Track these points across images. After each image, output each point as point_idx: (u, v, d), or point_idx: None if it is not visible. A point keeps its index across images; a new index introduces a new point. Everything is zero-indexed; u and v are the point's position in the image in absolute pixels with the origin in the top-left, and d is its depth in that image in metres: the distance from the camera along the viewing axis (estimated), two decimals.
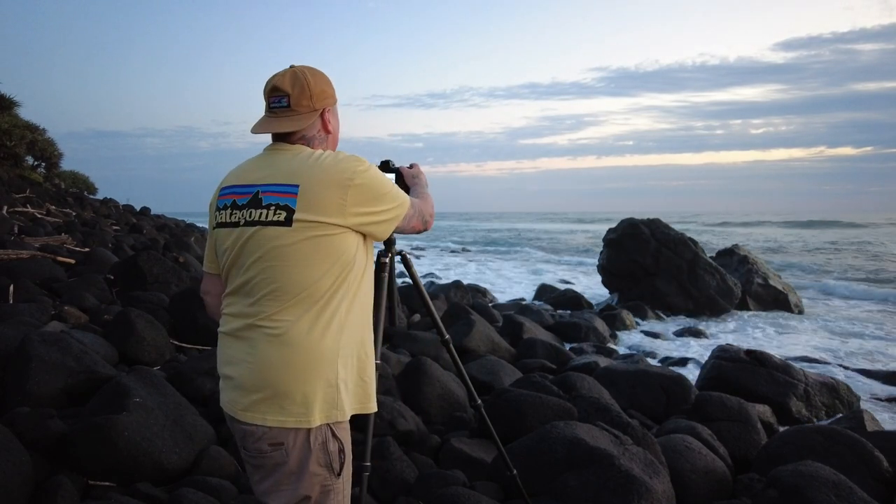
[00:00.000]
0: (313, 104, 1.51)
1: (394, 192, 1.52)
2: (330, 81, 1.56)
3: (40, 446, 2.56)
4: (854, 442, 3.18)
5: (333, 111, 1.59)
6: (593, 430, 2.98)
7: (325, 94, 1.53)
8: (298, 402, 1.36)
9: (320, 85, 1.52)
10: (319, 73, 1.54)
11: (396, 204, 1.51)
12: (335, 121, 1.60)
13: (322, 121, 1.55)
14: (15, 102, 20.06)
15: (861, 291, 13.41)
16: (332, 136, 1.60)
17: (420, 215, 1.64)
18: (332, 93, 1.56)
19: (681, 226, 14.86)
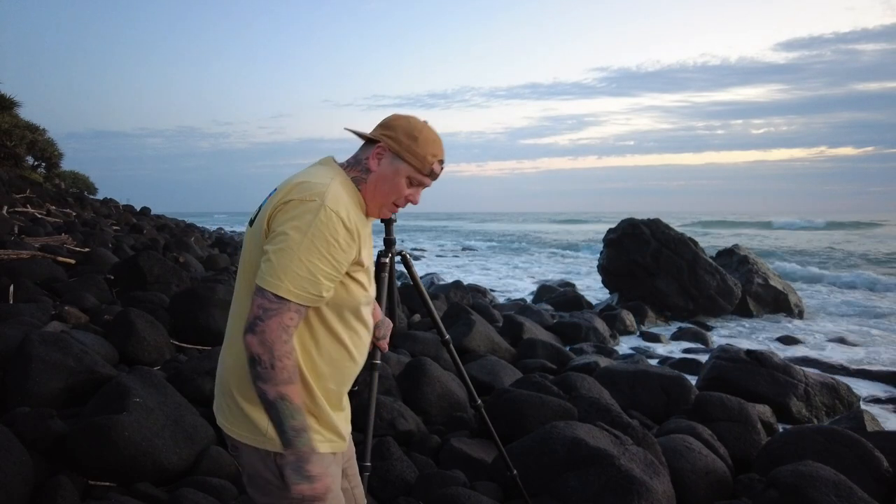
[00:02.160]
0: (379, 132, 1.46)
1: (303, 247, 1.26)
2: (418, 137, 1.43)
3: (40, 446, 2.56)
4: (854, 442, 3.18)
5: (394, 161, 1.43)
6: (593, 430, 2.98)
7: (395, 133, 1.44)
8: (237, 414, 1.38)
9: (399, 125, 1.45)
10: (418, 125, 1.45)
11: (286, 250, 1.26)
12: (388, 168, 1.43)
13: (374, 152, 1.45)
14: (15, 102, 20.08)
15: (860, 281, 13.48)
16: (374, 177, 1.45)
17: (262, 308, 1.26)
18: (405, 142, 1.42)
19: (695, 229, 14.78)
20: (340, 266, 1.32)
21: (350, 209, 1.35)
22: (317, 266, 1.28)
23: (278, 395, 1.25)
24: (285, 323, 1.26)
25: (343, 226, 1.30)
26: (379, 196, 1.46)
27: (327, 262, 1.29)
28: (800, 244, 27.82)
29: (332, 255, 1.29)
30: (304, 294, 1.28)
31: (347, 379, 1.48)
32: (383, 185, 1.45)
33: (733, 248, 12.07)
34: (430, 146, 1.44)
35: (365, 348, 1.53)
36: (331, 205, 1.30)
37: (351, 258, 1.35)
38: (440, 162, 1.48)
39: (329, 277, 1.30)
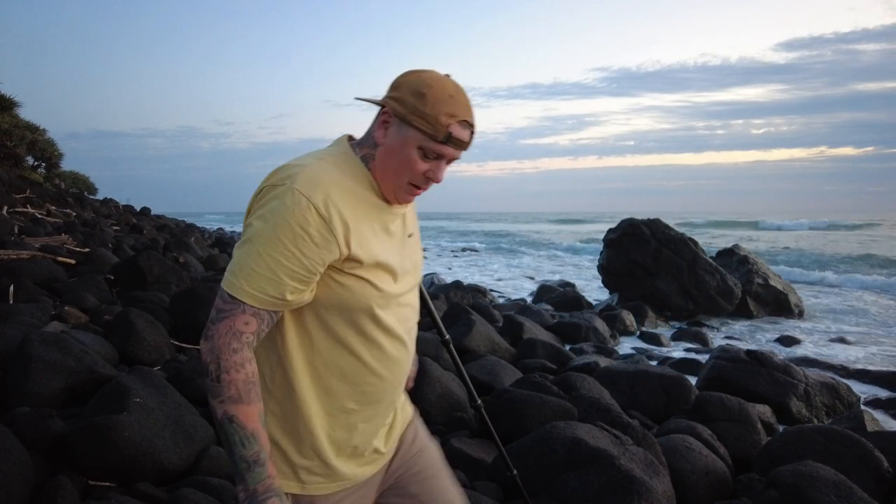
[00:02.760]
0: (385, 95, 1.17)
1: (264, 239, 1.05)
2: (426, 94, 1.11)
3: (40, 446, 2.56)
4: (854, 442, 3.18)
5: (401, 128, 1.13)
6: (593, 430, 2.98)
7: (400, 93, 1.14)
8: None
9: (406, 81, 1.15)
10: (429, 79, 1.13)
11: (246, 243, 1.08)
12: (395, 138, 1.14)
13: (379, 120, 1.17)
14: (15, 103, 20.10)
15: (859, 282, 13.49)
16: (381, 151, 1.17)
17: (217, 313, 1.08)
18: (411, 102, 1.11)
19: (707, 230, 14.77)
20: (312, 263, 1.07)
21: (336, 193, 1.10)
22: (278, 262, 1.04)
23: (225, 415, 1.04)
24: (237, 328, 1.05)
25: (316, 213, 1.05)
26: (389, 175, 1.16)
27: (293, 258, 1.05)
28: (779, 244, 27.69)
29: (299, 249, 1.05)
30: (261, 296, 1.05)
31: (375, 395, 1.22)
32: (391, 160, 1.15)
33: (733, 248, 12.07)
34: (443, 104, 1.11)
35: (394, 360, 1.23)
36: (301, 187, 1.06)
37: (330, 254, 1.08)
38: (462, 123, 1.13)
39: (295, 277, 1.06)
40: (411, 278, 1.28)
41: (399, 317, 1.23)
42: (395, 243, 1.23)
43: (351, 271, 1.13)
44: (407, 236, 1.29)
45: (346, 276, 1.13)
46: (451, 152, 1.16)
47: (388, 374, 1.23)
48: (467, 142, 1.17)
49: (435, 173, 1.17)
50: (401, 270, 1.22)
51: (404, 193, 1.19)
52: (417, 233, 1.39)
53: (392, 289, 1.20)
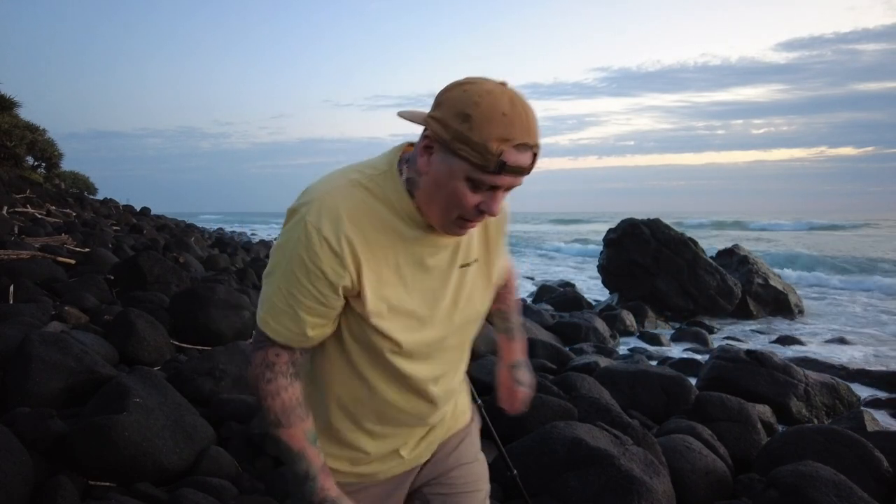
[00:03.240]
0: (429, 113, 1.01)
1: (281, 272, 1.04)
2: (472, 115, 0.93)
3: (40, 446, 2.56)
4: (854, 442, 3.18)
5: (446, 157, 0.97)
6: (593, 430, 2.98)
7: (442, 113, 0.96)
8: None
9: (450, 99, 0.97)
10: (475, 95, 0.94)
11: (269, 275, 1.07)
12: (440, 168, 0.98)
13: (421, 145, 1.02)
14: (15, 103, 20.11)
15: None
16: (427, 181, 1.02)
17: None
18: (454, 127, 0.94)
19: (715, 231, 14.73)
20: (329, 300, 1.03)
21: (352, 226, 1.01)
22: (296, 299, 1.03)
23: (275, 437, 1.09)
24: (269, 359, 1.07)
25: (328, 247, 0.99)
26: (436, 209, 1.03)
27: (309, 295, 1.02)
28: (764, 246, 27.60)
29: (314, 286, 1.01)
30: (285, 332, 1.05)
31: (396, 421, 1.20)
32: (437, 192, 1.01)
33: (733, 248, 12.07)
34: (493, 126, 0.92)
35: (417, 399, 1.19)
36: (312, 219, 1.00)
37: (342, 283, 1.03)
38: (520, 147, 0.95)
39: (313, 313, 1.04)
40: (457, 317, 1.17)
41: (431, 361, 1.17)
42: (432, 281, 1.12)
43: (366, 319, 1.08)
44: (459, 267, 1.15)
45: (363, 323, 1.08)
46: (509, 181, 0.98)
47: (411, 408, 1.19)
48: (528, 166, 0.98)
49: (489, 205, 1.00)
50: (430, 313, 1.13)
51: (455, 228, 1.05)
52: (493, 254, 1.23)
53: (413, 338, 1.11)
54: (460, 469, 1.36)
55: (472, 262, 1.19)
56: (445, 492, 1.34)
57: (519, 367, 1.56)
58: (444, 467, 1.34)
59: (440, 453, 1.34)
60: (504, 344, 1.57)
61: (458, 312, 1.18)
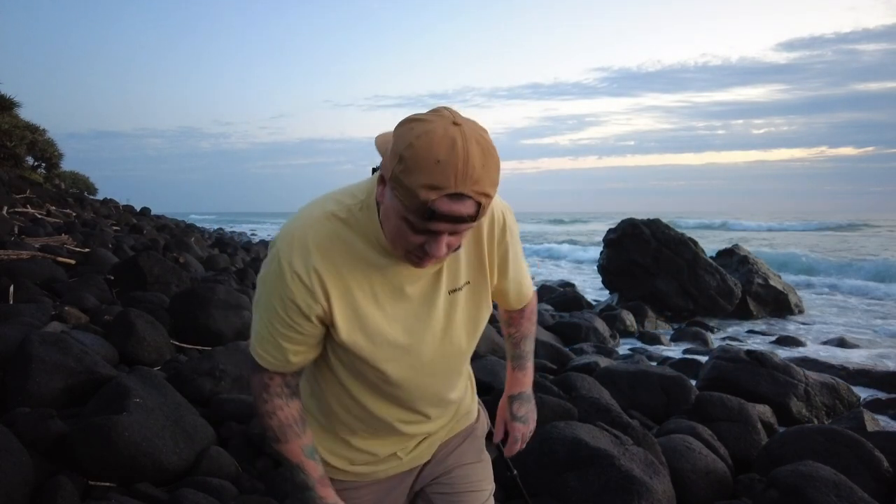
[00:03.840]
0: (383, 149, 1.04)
1: (262, 304, 1.10)
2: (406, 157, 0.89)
3: (40, 447, 2.56)
4: (854, 442, 3.18)
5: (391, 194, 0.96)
6: (594, 430, 2.98)
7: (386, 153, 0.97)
8: None
9: (396, 136, 0.94)
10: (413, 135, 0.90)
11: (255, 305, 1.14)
12: (389, 202, 0.97)
13: (380, 179, 1.01)
14: (15, 103, 20.11)
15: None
16: (383, 211, 1.01)
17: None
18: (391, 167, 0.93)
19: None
20: (306, 329, 1.08)
21: (321, 259, 1.04)
22: (276, 329, 1.09)
23: (275, 450, 1.17)
24: (264, 381, 1.14)
25: (299, 280, 1.03)
26: (390, 239, 1.02)
27: (287, 326, 1.08)
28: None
29: (290, 317, 1.06)
30: (271, 359, 1.12)
31: (384, 434, 1.25)
32: (386, 224, 1.01)
33: (733, 248, 12.07)
34: (423, 173, 0.88)
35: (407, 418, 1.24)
36: (285, 253, 1.04)
37: (320, 316, 1.07)
38: (454, 196, 0.89)
39: (293, 341, 1.09)
40: (447, 343, 1.18)
41: (422, 385, 1.19)
42: (414, 308, 1.13)
43: (340, 344, 1.11)
44: (447, 293, 1.15)
45: (339, 347, 1.13)
46: (446, 227, 0.93)
47: (405, 422, 1.24)
48: (469, 215, 0.92)
49: (431, 248, 0.96)
50: (414, 340, 1.14)
51: (412, 260, 1.03)
52: (490, 275, 1.21)
53: (399, 366, 1.14)
54: (462, 469, 1.36)
55: (462, 287, 1.17)
56: (447, 491, 1.35)
57: (519, 400, 1.51)
58: (444, 467, 1.35)
59: (440, 453, 1.35)
60: (509, 372, 1.53)
61: (449, 338, 1.18)
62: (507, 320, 1.48)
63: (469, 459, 1.39)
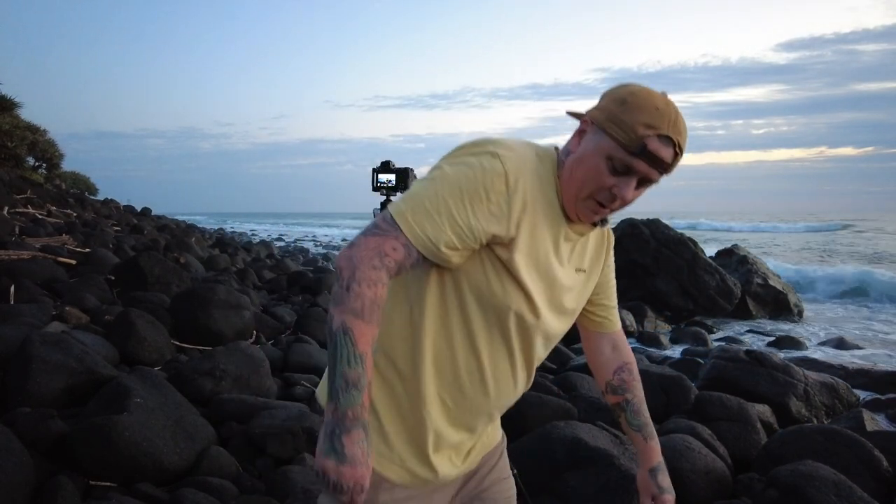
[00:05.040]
0: (589, 109, 1.10)
1: (446, 182, 1.03)
2: (627, 100, 1.03)
3: (41, 447, 2.57)
4: (854, 442, 3.18)
5: (595, 135, 1.06)
6: (593, 429, 2.98)
7: (604, 102, 1.08)
8: None
9: (613, 92, 1.07)
10: (634, 89, 1.05)
11: (427, 179, 1.06)
12: (588, 145, 1.06)
13: (577, 130, 1.11)
14: (16, 103, 20.12)
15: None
16: (571, 160, 1.09)
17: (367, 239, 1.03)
18: (610, 109, 1.04)
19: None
20: (478, 226, 1.01)
21: (531, 180, 1.05)
22: (449, 209, 1.00)
23: (342, 326, 0.97)
24: (385, 249, 1.00)
25: (504, 182, 1.02)
26: (573, 185, 1.08)
27: (463, 212, 1.00)
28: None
29: (472, 206, 1.01)
30: (419, 232, 1.00)
31: (470, 406, 1.14)
32: (578, 168, 1.07)
33: (733, 248, 12.08)
34: (644, 113, 1.01)
35: (506, 380, 1.15)
36: (503, 155, 1.03)
37: (498, 227, 1.02)
38: (663, 139, 1.01)
39: (456, 230, 1.01)
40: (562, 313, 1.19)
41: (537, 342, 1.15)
42: (558, 266, 1.13)
43: (509, 265, 1.06)
44: (575, 270, 1.19)
45: (503, 268, 1.06)
46: (645, 168, 1.03)
47: (494, 389, 1.14)
48: (667, 162, 1.04)
49: (621, 190, 1.05)
50: (554, 294, 1.14)
51: (585, 210, 1.09)
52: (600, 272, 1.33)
53: (544, 303, 1.12)
54: (501, 484, 1.35)
55: (585, 270, 1.23)
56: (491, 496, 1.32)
57: (662, 471, 1.50)
58: (488, 482, 1.32)
59: (484, 468, 1.31)
60: (640, 445, 1.49)
61: (563, 311, 1.19)
62: (618, 386, 1.45)
63: (506, 473, 1.38)
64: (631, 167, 1.03)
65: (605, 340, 1.44)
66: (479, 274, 1.07)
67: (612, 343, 1.45)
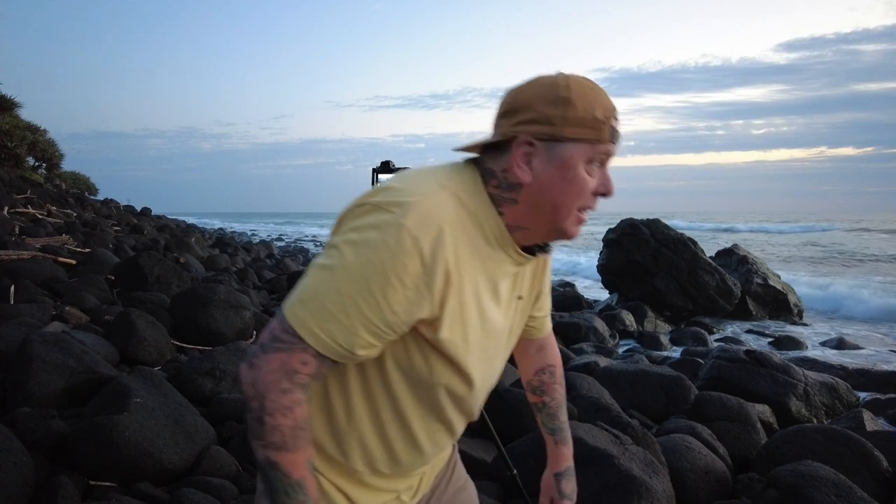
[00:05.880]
0: (507, 123, 0.95)
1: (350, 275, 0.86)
2: (570, 97, 0.91)
3: (41, 447, 2.57)
4: (854, 442, 3.18)
5: (553, 152, 0.92)
6: (593, 429, 2.98)
7: (532, 113, 0.92)
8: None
9: (532, 97, 0.93)
10: (558, 82, 0.92)
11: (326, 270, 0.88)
12: (549, 169, 0.93)
13: (515, 157, 0.93)
14: (16, 103, 20.14)
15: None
16: (530, 192, 0.94)
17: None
18: (555, 114, 0.91)
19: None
20: (397, 320, 0.88)
21: (450, 239, 0.89)
22: (359, 310, 0.86)
23: (267, 461, 0.88)
24: (292, 366, 0.87)
25: (419, 261, 0.86)
26: (551, 214, 0.96)
27: (376, 310, 0.86)
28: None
29: (387, 300, 0.86)
30: (329, 342, 0.87)
31: (409, 468, 1.08)
32: (554, 194, 0.94)
33: (733, 248, 12.08)
34: (591, 98, 0.92)
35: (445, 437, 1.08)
36: (412, 224, 0.85)
37: (420, 312, 0.89)
38: (613, 111, 0.94)
39: (372, 331, 0.88)
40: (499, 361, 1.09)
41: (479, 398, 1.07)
42: (499, 310, 1.02)
43: (434, 345, 0.94)
44: (516, 299, 1.08)
45: (427, 347, 0.95)
46: (615, 149, 0.97)
47: (431, 449, 1.07)
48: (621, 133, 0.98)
49: (607, 184, 0.97)
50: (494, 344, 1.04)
51: (571, 228, 0.97)
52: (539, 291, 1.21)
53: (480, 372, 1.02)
54: (461, 494, 1.30)
55: (522, 298, 1.11)
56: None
57: (567, 476, 1.44)
58: (447, 498, 1.26)
59: (439, 487, 1.25)
60: (552, 447, 1.44)
61: (502, 353, 1.09)
62: (537, 386, 1.39)
63: (461, 481, 1.31)
64: (609, 155, 0.96)
65: (532, 343, 1.38)
66: (402, 353, 0.96)
67: (539, 345, 1.39)
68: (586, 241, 22.98)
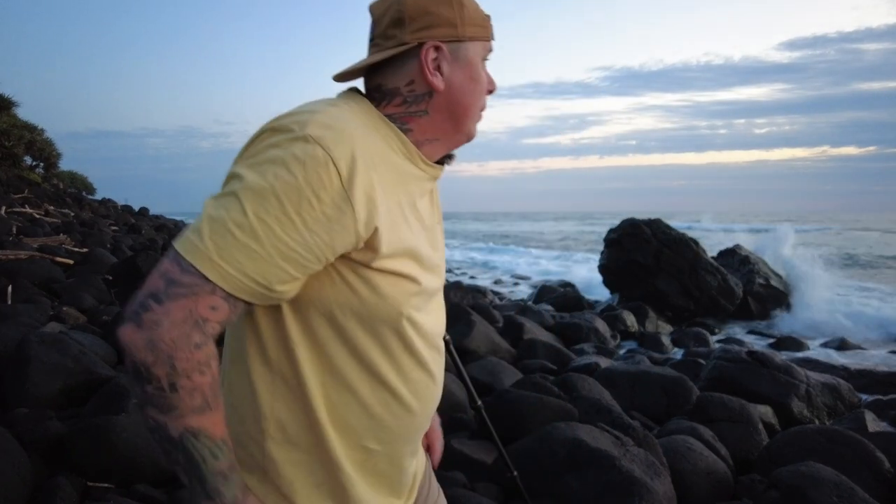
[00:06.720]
0: (403, 33, 0.89)
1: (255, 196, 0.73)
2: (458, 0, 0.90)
3: (39, 447, 2.55)
4: (856, 443, 3.17)
5: (459, 54, 0.91)
6: (594, 431, 2.97)
7: (431, 17, 0.89)
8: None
9: (415, 6, 0.89)
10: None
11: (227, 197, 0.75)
12: (459, 72, 0.91)
13: (420, 64, 0.89)
14: (13, 102, 20.12)
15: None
16: (443, 99, 0.91)
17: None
18: (452, 15, 0.89)
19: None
20: (318, 243, 0.75)
21: (364, 151, 0.79)
22: (272, 232, 0.73)
23: (187, 432, 0.74)
24: (200, 313, 0.73)
25: (336, 173, 0.75)
26: (460, 117, 0.93)
27: (293, 230, 0.73)
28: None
29: (302, 218, 0.74)
30: (239, 278, 0.73)
31: (402, 434, 0.93)
32: (467, 96, 0.93)
33: (735, 248, 12.07)
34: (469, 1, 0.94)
35: (428, 384, 0.95)
36: (317, 135, 0.75)
37: (343, 236, 0.77)
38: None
39: (291, 258, 0.74)
40: (439, 277, 0.98)
41: (434, 323, 0.96)
42: (424, 226, 0.94)
43: (376, 265, 0.82)
44: (436, 222, 1.02)
45: (369, 272, 0.82)
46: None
47: (418, 405, 0.94)
48: None
49: (492, 81, 0.99)
50: (429, 263, 0.92)
51: (474, 126, 0.98)
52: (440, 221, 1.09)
53: (428, 283, 0.91)
54: (441, 498, 1.19)
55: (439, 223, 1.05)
56: None
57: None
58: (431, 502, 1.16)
59: (421, 494, 1.11)
60: None
61: (439, 272, 0.99)
62: None
63: (437, 486, 1.20)
64: (491, 52, 0.97)
65: None
66: (347, 293, 0.82)
67: None
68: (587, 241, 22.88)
